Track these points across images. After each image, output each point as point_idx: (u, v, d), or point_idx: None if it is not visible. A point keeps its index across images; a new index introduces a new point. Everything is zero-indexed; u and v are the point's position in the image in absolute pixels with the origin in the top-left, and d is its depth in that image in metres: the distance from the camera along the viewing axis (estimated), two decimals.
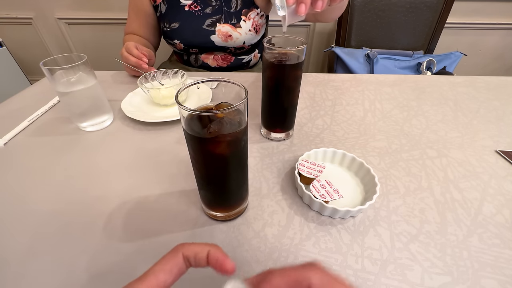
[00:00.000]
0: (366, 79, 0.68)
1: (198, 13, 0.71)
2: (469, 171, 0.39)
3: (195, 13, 0.71)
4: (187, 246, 0.19)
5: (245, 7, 0.73)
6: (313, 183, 0.34)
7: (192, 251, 0.18)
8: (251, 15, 0.74)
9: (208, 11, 0.71)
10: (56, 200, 0.35)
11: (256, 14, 0.74)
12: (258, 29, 0.76)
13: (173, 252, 0.18)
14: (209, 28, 0.71)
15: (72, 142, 0.45)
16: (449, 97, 0.59)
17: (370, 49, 1.03)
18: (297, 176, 0.35)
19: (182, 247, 0.19)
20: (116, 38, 1.52)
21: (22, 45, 1.57)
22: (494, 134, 0.47)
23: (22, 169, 0.40)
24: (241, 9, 0.72)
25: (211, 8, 0.71)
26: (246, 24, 0.73)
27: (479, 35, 1.46)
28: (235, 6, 0.72)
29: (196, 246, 0.19)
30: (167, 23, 0.72)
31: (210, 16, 0.71)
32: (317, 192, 0.32)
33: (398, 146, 0.45)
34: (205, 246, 0.19)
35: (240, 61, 0.80)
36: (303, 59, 0.38)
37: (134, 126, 0.49)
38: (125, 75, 0.67)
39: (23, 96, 0.59)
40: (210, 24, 0.71)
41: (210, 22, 0.71)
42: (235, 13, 0.72)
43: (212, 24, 0.71)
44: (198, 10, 0.71)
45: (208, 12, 0.71)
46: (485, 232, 0.31)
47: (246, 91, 0.24)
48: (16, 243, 0.30)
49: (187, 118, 0.24)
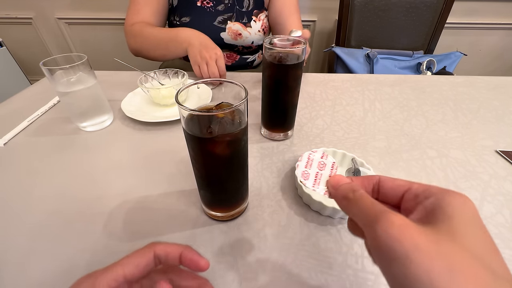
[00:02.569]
0: (366, 79, 0.68)
1: (210, 9, 0.71)
2: (469, 171, 0.39)
3: (207, 9, 0.71)
4: (160, 245, 0.19)
5: (257, 8, 0.74)
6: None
7: (163, 250, 0.19)
8: (261, 16, 0.75)
9: (220, 8, 0.71)
10: (56, 200, 0.35)
11: (265, 16, 0.76)
12: (266, 30, 0.78)
13: (145, 248, 0.19)
14: (220, 25, 0.72)
15: (72, 142, 0.45)
16: (449, 97, 0.59)
17: (370, 49, 1.03)
18: (297, 176, 0.35)
19: (154, 245, 0.19)
20: (116, 38, 1.52)
21: (22, 45, 1.57)
22: (494, 134, 0.47)
23: (22, 169, 0.40)
24: (253, 10, 0.74)
25: (223, 5, 0.71)
26: (256, 25, 0.74)
27: (479, 35, 1.46)
28: (247, 6, 0.73)
29: (169, 246, 0.20)
30: (178, 16, 0.72)
31: (221, 14, 0.71)
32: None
33: (398, 146, 0.45)
34: (178, 247, 0.20)
35: (244, 60, 0.81)
36: (303, 59, 0.38)
37: (134, 126, 0.49)
38: (125, 75, 0.67)
39: (23, 96, 0.59)
40: (221, 21, 0.72)
41: (222, 19, 0.72)
42: (246, 12, 0.73)
43: (223, 21, 0.72)
44: (211, 7, 0.71)
45: (220, 9, 0.71)
46: None
47: (246, 91, 0.24)
48: (16, 243, 0.30)
49: (187, 118, 0.24)
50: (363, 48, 1.07)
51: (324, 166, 0.23)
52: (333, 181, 0.20)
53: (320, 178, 0.22)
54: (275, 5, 0.75)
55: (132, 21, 0.68)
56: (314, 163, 0.23)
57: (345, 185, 0.18)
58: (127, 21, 0.70)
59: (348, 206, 0.17)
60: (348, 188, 0.18)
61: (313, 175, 0.22)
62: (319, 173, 0.22)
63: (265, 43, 0.37)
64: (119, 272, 0.17)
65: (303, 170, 0.23)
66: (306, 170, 0.22)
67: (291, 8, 0.75)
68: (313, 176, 0.22)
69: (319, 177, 0.22)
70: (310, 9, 1.43)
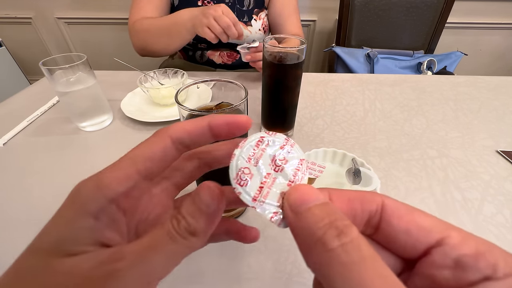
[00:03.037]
0: (366, 79, 0.68)
1: None
2: (469, 171, 0.39)
3: None
4: (174, 127, 0.13)
5: (257, 7, 0.74)
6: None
7: (182, 131, 0.13)
8: (261, 15, 0.75)
9: None
10: (56, 200, 0.35)
11: (265, 15, 0.76)
12: (266, 29, 0.78)
13: (155, 136, 0.13)
14: None
15: (71, 142, 0.45)
16: (450, 97, 0.59)
17: (370, 49, 1.03)
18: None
19: (167, 130, 0.13)
20: (115, 38, 1.52)
21: (21, 45, 1.57)
22: (495, 134, 0.47)
23: (22, 169, 0.40)
24: (253, 8, 0.73)
25: (224, 4, 0.71)
26: (256, 24, 0.74)
27: (479, 35, 1.46)
28: (247, 5, 0.73)
29: (187, 124, 0.13)
30: None
31: None
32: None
33: (399, 146, 0.44)
34: (200, 120, 0.13)
35: (249, 70, 0.80)
36: (303, 59, 0.38)
37: (133, 126, 0.49)
38: (124, 75, 0.67)
39: (22, 96, 0.59)
40: None
41: None
42: (247, 11, 0.73)
43: None
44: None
45: None
46: (486, 232, 0.31)
47: (246, 91, 0.24)
48: (15, 243, 0.30)
49: (187, 118, 0.24)
50: (364, 48, 1.07)
51: (284, 163, 0.13)
52: (296, 198, 0.11)
53: (271, 186, 0.12)
54: (275, 5, 0.75)
55: (134, 18, 0.68)
56: (265, 157, 0.13)
57: (318, 209, 0.10)
58: (130, 20, 0.69)
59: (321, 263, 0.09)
60: (323, 218, 0.09)
61: (258, 178, 0.12)
62: (270, 177, 0.12)
63: (264, 43, 0.37)
64: (131, 169, 0.12)
65: (243, 166, 0.12)
66: (248, 166, 0.12)
67: (290, 9, 0.75)
68: (258, 180, 0.12)
69: (269, 184, 0.12)
70: (310, 9, 1.43)
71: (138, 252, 0.11)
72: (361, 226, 0.11)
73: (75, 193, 0.12)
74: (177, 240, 0.11)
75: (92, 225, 0.11)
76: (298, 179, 0.12)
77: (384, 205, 0.11)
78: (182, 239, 0.11)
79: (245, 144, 0.13)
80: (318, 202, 0.10)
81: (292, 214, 0.10)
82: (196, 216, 0.11)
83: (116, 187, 0.12)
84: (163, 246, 0.11)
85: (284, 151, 0.13)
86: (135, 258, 0.11)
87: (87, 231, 0.11)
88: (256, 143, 0.13)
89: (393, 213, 0.11)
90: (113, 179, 0.12)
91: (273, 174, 0.12)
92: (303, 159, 0.13)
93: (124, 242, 0.13)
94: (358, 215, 0.11)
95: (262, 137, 0.13)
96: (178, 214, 0.12)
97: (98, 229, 0.12)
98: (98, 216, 0.12)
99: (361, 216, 0.11)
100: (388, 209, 0.11)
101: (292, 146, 0.13)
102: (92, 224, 0.11)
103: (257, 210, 0.11)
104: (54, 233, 0.12)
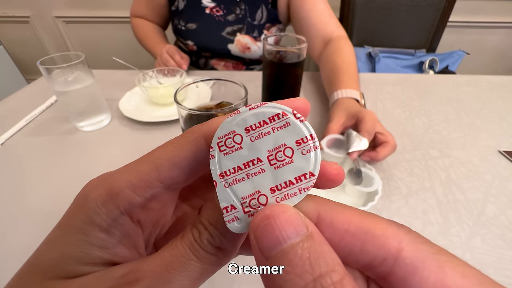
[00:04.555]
0: (367, 78, 0.67)
1: (219, 18, 0.66)
2: (471, 171, 0.39)
3: (216, 18, 0.66)
4: (211, 124, 0.10)
5: (269, 22, 0.68)
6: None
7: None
8: (272, 30, 0.70)
9: (231, 18, 0.67)
10: (54, 200, 0.34)
11: (277, 29, 0.71)
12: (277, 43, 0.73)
13: (186, 135, 0.10)
14: (228, 36, 0.68)
15: (69, 142, 0.45)
16: (452, 97, 0.59)
17: (372, 48, 1.03)
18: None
19: (201, 127, 0.10)
20: (114, 36, 1.51)
21: (19, 44, 1.56)
22: (497, 134, 0.47)
23: (19, 169, 0.40)
24: (265, 23, 0.68)
25: (234, 16, 0.66)
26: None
27: (481, 33, 1.45)
28: (259, 19, 0.67)
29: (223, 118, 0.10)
30: (183, 21, 0.68)
31: (231, 24, 0.67)
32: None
33: (400, 146, 0.44)
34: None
35: (250, 71, 0.79)
36: (304, 58, 0.37)
37: (132, 126, 0.48)
38: (123, 74, 0.66)
39: (20, 96, 0.58)
40: (230, 33, 0.68)
41: (231, 30, 0.67)
42: (258, 26, 0.68)
43: (232, 32, 0.68)
44: (220, 16, 0.66)
45: (230, 20, 0.67)
46: (488, 233, 0.31)
47: (246, 90, 0.23)
48: (13, 243, 0.29)
49: (186, 118, 0.24)
50: (365, 47, 1.06)
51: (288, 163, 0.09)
52: (266, 235, 0.08)
53: (252, 175, 0.09)
54: (299, 16, 0.61)
55: (132, 13, 0.76)
56: (270, 139, 0.09)
57: (297, 256, 0.07)
58: (130, 11, 0.78)
59: None
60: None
61: (245, 156, 0.09)
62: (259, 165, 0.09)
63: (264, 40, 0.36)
64: (151, 175, 0.10)
65: (238, 132, 0.09)
66: (243, 136, 0.09)
67: (325, 15, 0.60)
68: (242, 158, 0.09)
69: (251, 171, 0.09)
70: None
71: (157, 272, 0.09)
72: (354, 268, 0.08)
73: (82, 200, 0.10)
74: (201, 257, 0.09)
75: (103, 241, 0.09)
76: (286, 194, 0.09)
77: (401, 256, 0.07)
78: (206, 255, 0.09)
79: (258, 109, 0.09)
80: (297, 238, 0.07)
81: (261, 258, 0.08)
82: (219, 225, 0.09)
83: (131, 196, 0.09)
84: (185, 265, 0.09)
85: (303, 150, 0.09)
86: (154, 279, 0.09)
87: (95, 248, 0.09)
88: (274, 116, 0.09)
89: (416, 271, 0.07)
90: (128, 186, 0.09)
91: (266, 164, 0.09)
92: (315, 175, 0.09)
93: (138, 256, 0.11)
94: (353, 256, 0.08)
95: (292, 113, 0.09)
96: (198, 222, 0.10)
97: (110, 245, 0.10)
98: (109, 230, 0.09)
99: (358, 258, 0.08)
100: (408, 262, 0.07)
101: (315, 149, 0.09)
102: (103, 239, 0.09)
103: (216, 189, 0.09)
104: (55, 249, 0.10)
